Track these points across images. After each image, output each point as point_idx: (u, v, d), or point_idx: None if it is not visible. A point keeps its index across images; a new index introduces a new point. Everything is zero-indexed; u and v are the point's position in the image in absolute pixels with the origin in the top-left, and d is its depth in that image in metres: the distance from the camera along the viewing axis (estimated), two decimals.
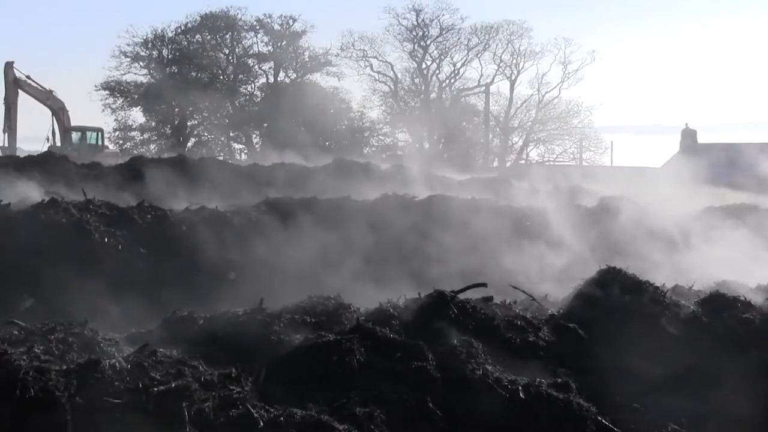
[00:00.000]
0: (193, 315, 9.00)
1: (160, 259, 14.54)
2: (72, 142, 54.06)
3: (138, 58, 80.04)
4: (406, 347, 7.93)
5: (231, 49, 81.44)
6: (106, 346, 7.44)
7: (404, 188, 22.80)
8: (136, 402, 6.02)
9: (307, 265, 14.97)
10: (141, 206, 16.43)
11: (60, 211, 15.04)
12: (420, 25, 79.99)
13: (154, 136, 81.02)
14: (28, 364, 5.93)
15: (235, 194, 24.07)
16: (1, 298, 12.64)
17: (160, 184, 25.29)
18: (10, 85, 53.05)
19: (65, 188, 20.84)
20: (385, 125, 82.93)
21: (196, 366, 6.89)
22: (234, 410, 6.21)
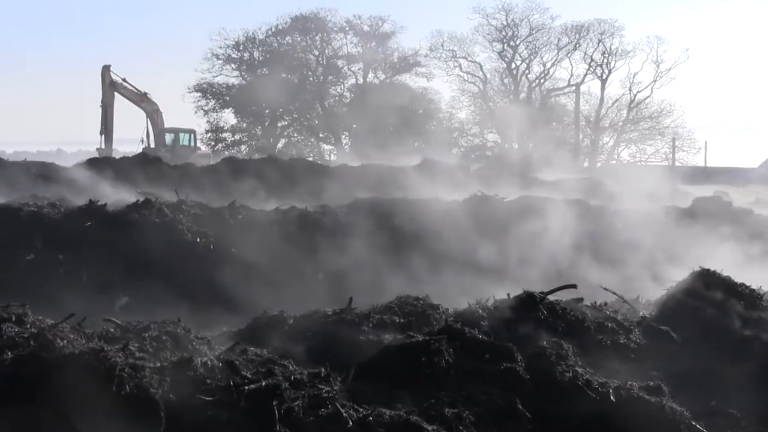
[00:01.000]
0: (283, 314, 9.08)
1: (251, 258, 14.68)
2: (165, 143, 54.92)
3: (229, 60, 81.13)
4: (494, 348, 7.88)
5: (321, 50, 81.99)
6: (199, 344, 7.55)
7: (493, 189, 22.66)
8: (227, 400, 6.08)
9: (394, 266, 14.97)
10: (232, 206, 16.64)
11: (153, 212, 15.32)
12: (510, 25, 79.45)
13: (244, 137, 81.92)
14: (124, 361, 6.02)
15: (324, 195, 24.21)
16: (98, 297, 12.91)
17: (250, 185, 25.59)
18: (106, 88, 54.06)
19: (159, 189, 21.20)
20: (474, 126, 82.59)
21: (286, 365, 6.95)
22: (323, 409, 6.23)
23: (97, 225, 14.80)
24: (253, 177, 27.91)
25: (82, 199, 16.75)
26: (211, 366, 6.58)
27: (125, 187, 23.02)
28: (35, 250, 14.14)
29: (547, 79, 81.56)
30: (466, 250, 16.26)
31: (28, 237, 14.28)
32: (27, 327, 6.81)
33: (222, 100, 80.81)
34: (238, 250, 14.95)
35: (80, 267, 13.84)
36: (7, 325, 6.69)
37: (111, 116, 54.67)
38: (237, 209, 16.54)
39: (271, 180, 27.44)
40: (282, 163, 32.99)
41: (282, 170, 30.32)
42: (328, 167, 35.08)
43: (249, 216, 16.36)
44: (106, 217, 15.19)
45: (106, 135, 54.58)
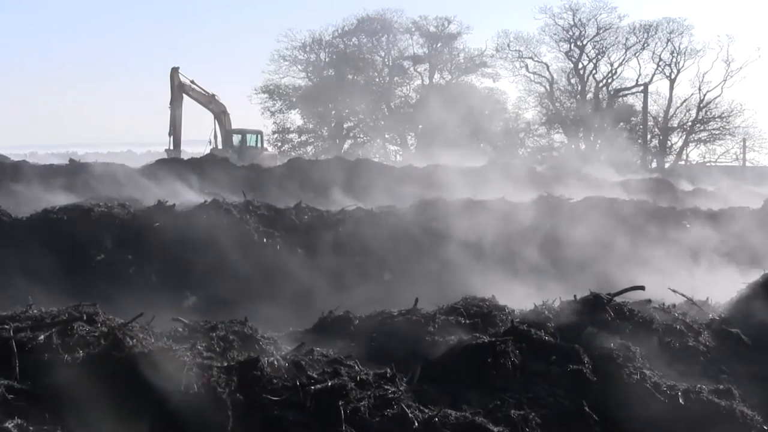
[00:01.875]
0: (348, 315, 9.09)
1: (317, 258, 14.75)
2: (233, 144, 55.31)
3: (296, 62, 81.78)
4: (561, 350, 7.81)
5: (387, 51, 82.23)
6: (265, 344, 7.59)
7: (560, 189, 22.51)
8: (293, 399, 6.10)
9: (460, 266, 14.93)
10: (298, 207, 16.74)
11: (221, 212, 15.47)
12: (577, 25, 78.84)
13: (311, 138, 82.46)
14: (192, 360, 6.07)
15: (390, 195, 24.25)
16: (166, 296, 13.07)
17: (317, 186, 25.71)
18: (175, 90, 54.59)
19: (226, 189, 21.42)
20: (540, 126, 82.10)
21: (352, 365, 6.95)
22: (389, 410, 6.22)
23: (165, 225, 14.98)
24: (319, 178, 28.07)
25: (151, 200, 16.98)
26: (278, 366, 6.61)
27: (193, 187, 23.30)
28: (105, 250, 14.35)
29: (614, 79, 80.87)
30: (533, 251, 16.16)
31: (98, 237, 14.49)
32: (98, 326, 6.90)
33: (288, 102, 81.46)
34: (304, 251, 15.03)
35: (149, 267, 14.02)
36: (79, 324, 6.79)
37: (179, 118, 55.22)
38: (303, 210, 16.64)
39: (337, 181, 27.55)
40: (348, 164, 33.12)
41: (348, 171, 30.44)
42: (394, 168, 35.14)
43: (315, 216, 16.44)
44: (175, 218, 15.36)
45: (174, 136, 55.14)
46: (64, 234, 14.34)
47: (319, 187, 25.82)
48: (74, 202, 16.62)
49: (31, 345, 6.37)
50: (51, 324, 6.70)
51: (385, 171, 32.45)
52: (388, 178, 30.15)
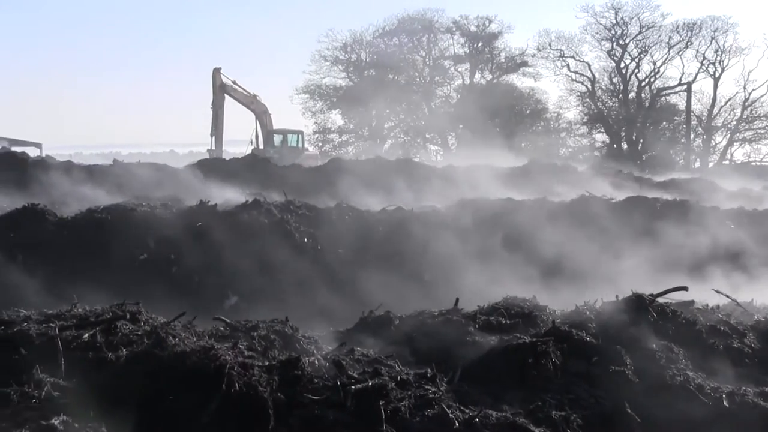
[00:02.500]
0: (389, 315, 9.10)
1: (357, 258, 14.77)
2: (274, 144, 55.49)
3: (337, 62, 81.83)
4: (602, 351, 7.77)
5: (427, 51, 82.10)
6: (306, 343, 7.63)
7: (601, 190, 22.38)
8: (334, 399, 6.12)
9: (501, 266, 14.89)
10: (339, 207, 16.77)
11: (262, 212, 15.55)
12: (619, 24, 78.12)
13: (352, 138, 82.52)
14: (233, 359, 6.11)
15: (430, 195, 24.22)
16: (208, 296, 13.16)
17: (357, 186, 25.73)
18: (217, 91, 54.91)
19: (267, 189, 21.50)
20: (581, 126, 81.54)
21: (392, 365, 6.97)
22: (429, 410, 6.22)
23: (207, 225, 15.08)
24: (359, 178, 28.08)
25: (193, 200, 17.09)
26: (319, 365, 6.64)
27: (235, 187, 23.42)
28: (148, 250, 14.47)
29: (657, 78, 79.93)
30: (574, 251, 16.08)
31: (141, 237, 14.62)
32: (141, 325, 6.98)
33: (329, 102, 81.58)
34: (345, 250, 15.07)
35: (191, 266, 14.12)
36: (122, 322, 6.87)
37: (221, 118, 55.53)
38: (344, 210, 16.67)
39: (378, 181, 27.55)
40: (388, 164, 33.11)
41: (388, 171, 30.43)
42: (435, 168, 35.09)
43: (355, 216, 16.47)
44: (217, 218, 15.46)
45: (216, 136, 55.46)
46: (108, 233, 14.48)
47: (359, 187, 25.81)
48: (118, 202, 16.77)
49: (76, 343, 6.46)
50: (95, 322, 6.79)
51: (425, 171, 32.41)
52: (428, 178, 30.11)
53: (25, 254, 13.96)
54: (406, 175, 29.74)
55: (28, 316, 6.89)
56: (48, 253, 13.87)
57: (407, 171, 30.94)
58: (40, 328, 6.57)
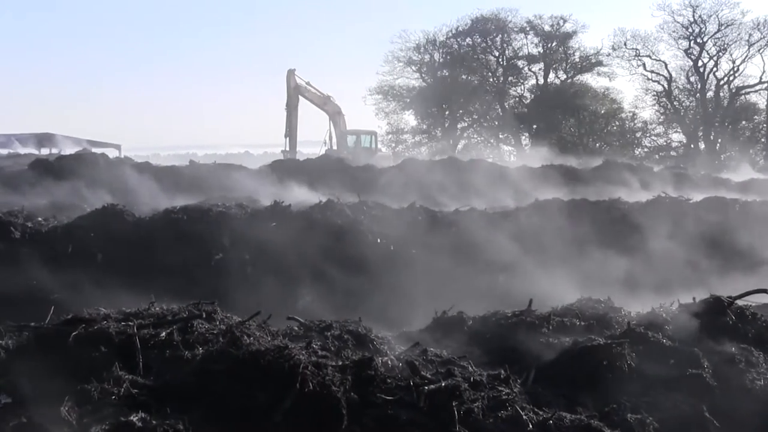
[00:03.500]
0: (462, 315, 9.08)
1: (430, 259, 14.76)
2: (347, 145, 55.78)
3: (410, 63, 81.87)
4: (679, 353, 7.66)
5: (501, 51, 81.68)
6: (379, 343, 7.65)
7: (678, 190, 22.07)
8: (407, 399, 6.13)
9: (575, 267, 14.75)
10: (412, 207, 16.77)
11: (336, 213, 15.62)
12: (696, 22, 76.76)
13: (425, 138, 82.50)
14: (307, 359, 6.15)
15: (504, 196, 24.12)
16: (282, 295, 13.26)
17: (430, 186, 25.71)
18: (291, 92, 55.36)
19: (341, 190, 21.59)
20: (657, 125, 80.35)
21: (465, 366, 6.95)
22: (503, 411, 6.20)
23: (281, 225, 15.19)
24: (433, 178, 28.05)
25: (268, 200, 17.24)
26: (392, 365, 6.65)
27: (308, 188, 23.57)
28: (223, 249, 14.63)
29: (736, 77, 78.39)
30: (650, 252, 15.87)
31: (216, 237, 14.78)
32: (216, 324, 7.07)
33: (403, 102, 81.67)
34: (418, 251, 15.06)
35: (266, 266, 14.23)
36: (198, 321, 6.96)
37: (295, 119, 55.96)
38: (417, 210, 16.67)
39: (451, 181, 27.50)
40: (462, 165, 33.02)
41: (461, 172, 30.35)
42: (508, 168, 34.90)
43: (428, 217, 16.45)
44: (291, 218, 15.57)
45: (290, 137, 55.90)
46: (185, 233, 14.67)
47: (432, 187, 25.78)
48: (194, 202, 17.00)
49: (154, 341, 6.56)
50: (172, 321, 6.89)
51: (498, 171, 32.25)
52: (502, 178, 29.97)
53: (104, 253, 14.23)
54: (479, 175, 29.63)
55: (107, 315, 7.01)
56: (126, 253, 14.10)
57: (480, 171, 30.82)
58: (119, 326, 6.69)
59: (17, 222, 15.15)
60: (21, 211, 16.38)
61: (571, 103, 74.31)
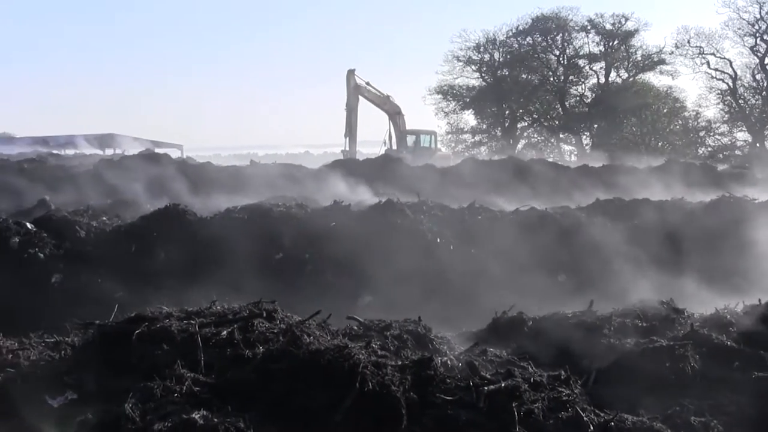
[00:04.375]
0: (522, 316, 9.05)
1: (490, 259, 14.70)
2: (407, 145, 55.81)
3: (470, 62, 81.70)
4: (744, 356, 7.55)
5: (561, 50, 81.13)
6: (439, 343, 7.64)
7: (743, 190, 21.70)
8: (466, 399, 6.11)
9: (637, 268, 14.60)
10: (471, 207, 16.71)
11: (396, 212, 15.62)
12: (763, 18, 75.46)
13: (484, 138, 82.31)
14: (367, 358, 6.16)
15: (564, 195, 23.95)
16: (342, 294, 13.29)
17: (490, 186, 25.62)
18: (351, 92, 55.55)
19: (400, 189, 21.60)
20: (722, 124, 79.15)
21: (525, 366, 6.92)
22: (563, 413, 6.15)
23: (341, 225, 15.24)
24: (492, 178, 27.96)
25: (328, 200, 17.31)
26: (451, 365, 6.65)
27: (368, 187, 23.63)
28: (284, 249, 14.71)
29: None
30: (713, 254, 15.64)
31: (277, 236, 14.87)
32: (277, 323, 7.11)
33: (462, 102, 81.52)
34: (477, 251, 15.01)
35: (325, 265, 14.29)
36: (259, 320, 7.00)
37: (355, 119, 56.13)
38: (476, 210, 16.61)
39: (511, 181, 27.38)
40: (521, 164, 32.88)
41: (521, 171, 30.22)
42: (569, 168, 34.66)
43: (488, 217, 16.39)
44: (350, 218, 15.61)
45: (350, 137, 56.07)
46: (245, 233, 14.78)
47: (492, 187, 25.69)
48: (254, 202, 17.11)
49: (215, 340, 6.62)
50: (233, 320, 6.95)
51: (559, 171, 32.04)
52: (562, 178, 29.78)
53: (166, 253, 14.39)
54: (539, 175, 29.48)
55: (170, 313, 7.09)
56: (188, 253, 14.24)
57: (540, 171, 30.65)
58: (181, 324, 6.76)
59: (82, 221, 15.42)
60: (86, 210, 16.69)
61: (633, 102, 73.46)
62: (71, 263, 14.07)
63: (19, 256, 14.01)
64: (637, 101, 74.06)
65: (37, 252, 14.11)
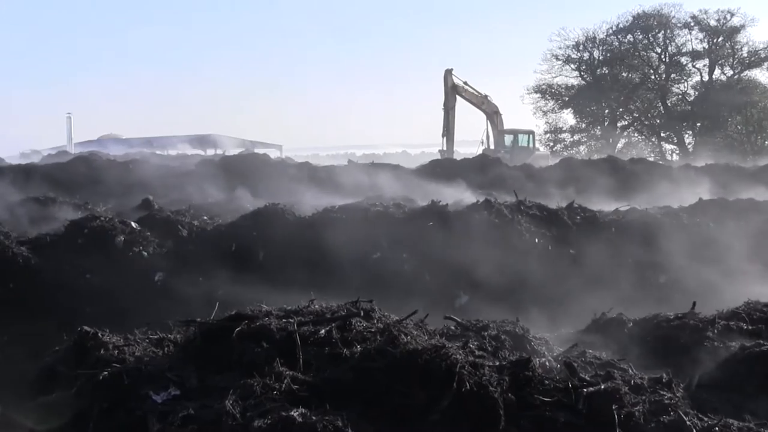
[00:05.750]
0: (621, 317, 8.92)
1: (589, 260, 14.53)
2: (505, 144, 55.60)
3: (569, 61, 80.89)
4: None
5: (663, 47, 79.71)
6: (537, 344, 7.58)
7: None
8: (565, 401, 6.06)
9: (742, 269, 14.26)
10: (570, 207, 16.54)
11: (493, 212, 15.53)
12: None
13: (584, 137, 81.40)
14: (464, 358, 6.15)
15: (666, 195, 23.54)
16: (439, 294, 13.29)
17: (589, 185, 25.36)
18: (448, 92, 55.62)
19: (498, 189, 21.52)
20: None
21: (626, 369, 6.82)
22: (665, 416, 6.04)
23: (438, 225, 15.23)
24: (592, 177, 27.67)
25: (425, 200, 17.31)
26: (550, 367, 6.58)
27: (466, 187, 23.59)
28: (381, 248, 14.76)
29: None
30: None
31: (374, 236, 14.93)
32: (374, 322, 7.12)
33: (561, 101, 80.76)
34: (576, 251, 14.86)
35: (422, 265, 14.29)
36: (356, 320, 7.03)
37: (452, 119, 56.17)
38: (575, 210, 16.43)
39: (611, 181, 27.06)
40: (621, 164, 32.47)
41: (621, 171, 29.84)
42: (670, 167, 34.11)
43: (588, 217, 16.20)
44: (447, 218, 15.59)
45: (447, 137, 56.14)
46: (343, 232, 14.87)
47: (591, 186, 25.43)
48: (352, 202, 17.22)
49: (313, 338, 6.67)
50: (331, 319, 6.99)
51: (660, 171, 31.53)
52: (664, 177, 29.29)
53: (265, 252, 14.58)
54: (639, 174, 29.06)
55: (269, 312, 7.16)
56: (287, 251, 14.40)
57: (641, 170, 30.21)
58: (280, 323, 6.82)
59: (184, 221, 15.74)
60: (188, 210, 17.04)
61: (738, 100, 71.83)
62: (173, 262, 14.37)
63: (124, 254, 14.36)
64: (742, 99, 72.38)
65: (141, 250, 14.46)
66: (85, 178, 27.75)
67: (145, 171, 30.08)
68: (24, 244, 14.57)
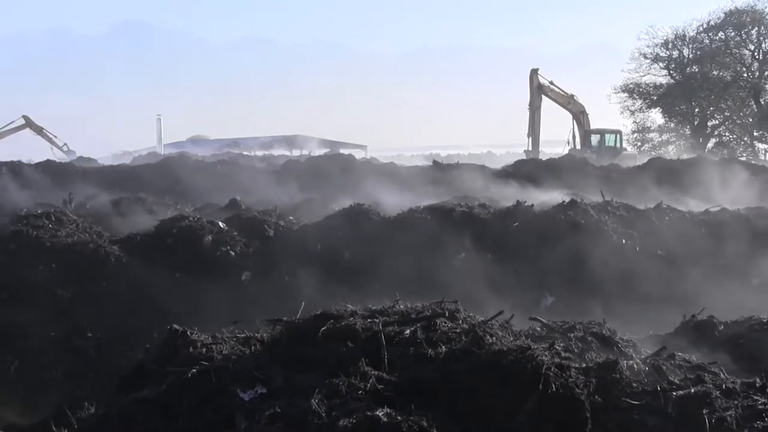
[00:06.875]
0: (712, 320, 8.75)
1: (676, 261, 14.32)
2: (591, 144, 55.01)
3: (658, 59, 79.50)
4: None
5: (757, 44, 77.83)
6: (624, 346, 7.47)
7: None
8: (653, 404, 5.97)
9: None
10: (659, 208, 16.31)
11: (579, 212, 15.40)
12: None
13: (672, 137, 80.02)
14: (550, 360, 6.10)
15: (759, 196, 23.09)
16: (524, 295, 13.22)
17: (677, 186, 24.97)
18: (534, 91, 55.28)
19: (585, 190, 21.31)
20: None
21: (717, 372, 6.68)
22: (759, 422, 5.91)
23: (524, 225, 15.16)
24: (681, 178, 27.23)
25: (510, 200, 17.24)
26: (637, 369, 6.49)
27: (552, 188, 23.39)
28: (466, 249, 14.73)
29: None
30: None
31: (459, 236, 14.91)
32: (459, 323, 7.10)
33: (649, 100, 79.47)
34: (665, 253, 14.63)
35: (508, 266, 14.23)
36: (442, 320, 7.02)
37: (538, 118, 55.80)
38: (664, 210, 16.20)
39: (701, 181, 26.59)
40: (712, 164, 31.88)
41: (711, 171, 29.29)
42: (764, 167, 33.39)
43: (676, 217, 15.95)
44: (533, 218, 15.50)
45: (533, 137, 55.80)
46: (428, 233, 14.88)
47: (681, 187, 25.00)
48: (437, 202, 17.22)
49: (398, 339, 6.67)
50: (416, 319, 6.99)
51: (753, 171, 30.85)
52: (757, 178, 28.68)
53: (351, 252, 14.67)
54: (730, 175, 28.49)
55: (354, 311, 7.19)
56: (371, 251, 14.45)
57: (732, 171, 29.61)
58: (365, 323, 6.85)
59: (271, 221, 15.94)
60: (274, 210, 17.24)
61: None
62: (260, 261, 14.54)
63: (212, 254, 14.59)
64: None
65: (229, 250, 14.67)
66: (174, 179, 28.25)
67: (232, 171, 30.49)
68: (116, 243, 14.91)
